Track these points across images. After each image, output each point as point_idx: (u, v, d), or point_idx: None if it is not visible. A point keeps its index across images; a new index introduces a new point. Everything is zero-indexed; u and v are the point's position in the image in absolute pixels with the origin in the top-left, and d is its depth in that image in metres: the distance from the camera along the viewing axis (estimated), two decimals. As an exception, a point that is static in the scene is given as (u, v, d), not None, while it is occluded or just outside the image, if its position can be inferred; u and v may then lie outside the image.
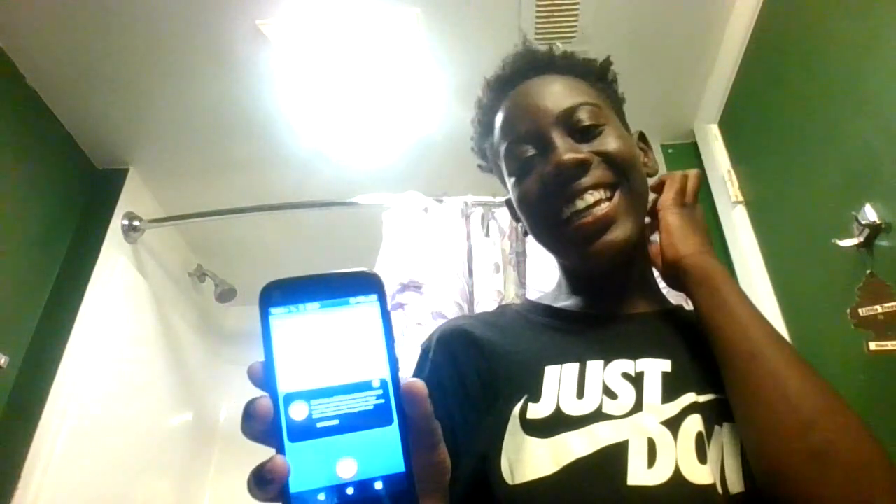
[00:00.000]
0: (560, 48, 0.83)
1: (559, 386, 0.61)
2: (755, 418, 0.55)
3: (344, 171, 2.07)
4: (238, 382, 2.53)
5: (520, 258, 1.56)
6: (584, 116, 0.69)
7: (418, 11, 1.59)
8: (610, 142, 0.68)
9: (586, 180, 0.66)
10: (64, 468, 1.61)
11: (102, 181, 2.03)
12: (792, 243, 1.45)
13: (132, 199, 2.05)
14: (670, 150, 2.00)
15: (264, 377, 0.36)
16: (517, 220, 0.80)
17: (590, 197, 0.66)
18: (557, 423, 0.57)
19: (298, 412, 0.36)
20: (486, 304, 1.43)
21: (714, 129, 1.85)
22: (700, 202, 0.75)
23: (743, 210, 1.66)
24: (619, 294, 0.73)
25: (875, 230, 1.07)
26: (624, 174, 0.68)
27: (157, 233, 2.15)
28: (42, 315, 1.77)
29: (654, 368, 0.62)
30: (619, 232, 0.66)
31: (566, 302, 0.76)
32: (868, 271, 1.07)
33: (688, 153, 1.96)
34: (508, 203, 0.81)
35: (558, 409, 0.59)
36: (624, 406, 0.59)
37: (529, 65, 0.77)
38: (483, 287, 1.48)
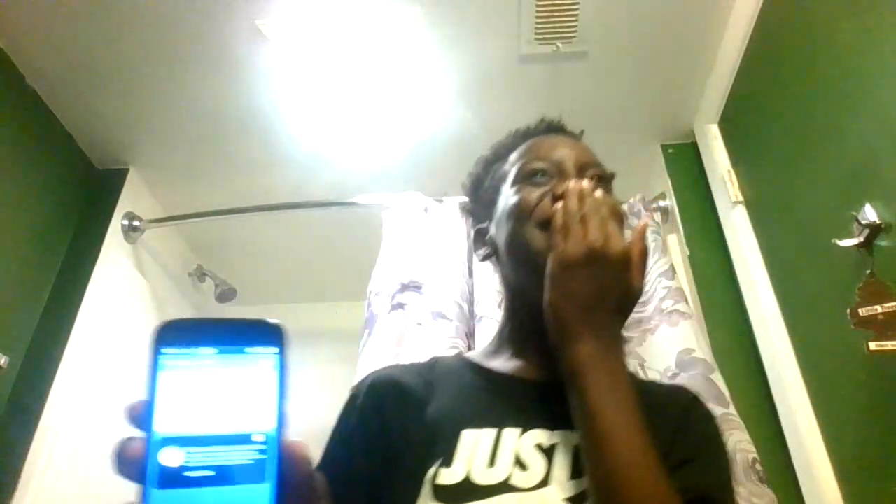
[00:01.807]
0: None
1: (473, 452, 0.62)
2: None
3: (344, 171, 2.07)
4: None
5: (520, 258, 1.57)
6: (599, 173, 0.75)
7: (419, 11, 1.59)
8: (613, 199, 0.72)
9: None
10: (64, 468, 1.61)
11: (102, 181, 2.03)
12: (792, 243, 1.45)
13: (132, 199, 2.05)
14: (670, 150, 2.00)
15: (141, 417, 0.35)
16: (482, 244, 0.83)
17: None
18: (465, 492, 0.59)
19: (171, 458, 0.35)
20: (487, 303, 1.43)
21: (714, 129, 1.85)
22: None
23: (743, 210, 1.66)
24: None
25: (875, 230, 1.07)
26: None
27: (157, 233, 2.14)
28: (42, 315, 1.77)
29: (569, 441, 0.62)
30: None
31: (497, 362, 0.76)
32: (868, 271, 1.07)
33: (688, 153, 1.96)
34: (479, 233, 0.84)
35: (468, 477, 0.60)
36: (532, 478, 0.60)
37: (560, 128, 0.86)
38: (483, 287, 1.48)
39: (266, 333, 0.38)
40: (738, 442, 1.26)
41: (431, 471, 0.61)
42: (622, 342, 0.61)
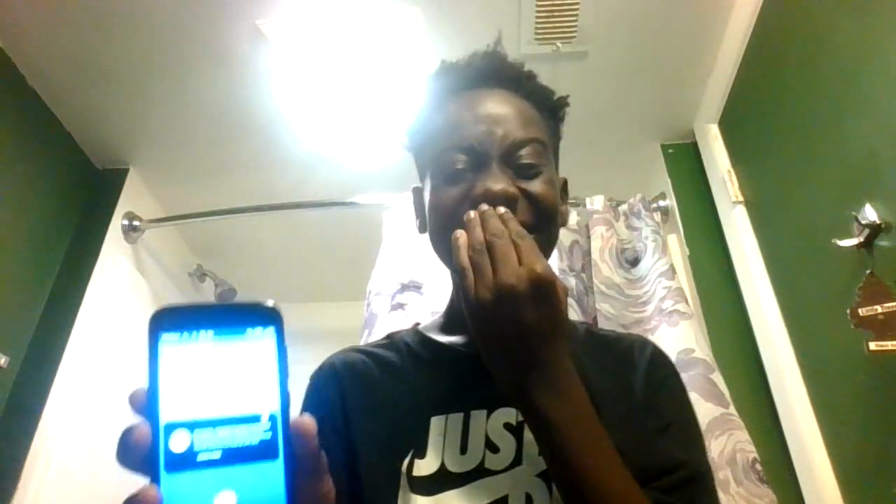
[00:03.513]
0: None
1: (444, 440, 0.62)
2: None
3: (344, 171, 2.07)
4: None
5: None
6: (528, 155, 0.68)
7: (418, 11, 1.59)
8: (542, 186, 0.68)
9: None
10: (64, 468, 1.61)
11: (102, 181, 2.03)
12: (792, 243, 1.45)
13: (132, 199, 2.05)
14: (670, 150, 2.00)
15: (146, 404, 0.36)
16: (418, 213, 0.80)
17: None
18: (441, 481, 0.60)
19: (179, 442, 0.35)
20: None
21: (714, 129, 1.85)
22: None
23: (743, 210, 1.66)
24: None
25: (875, 230, 1.07)
26: (544, 221, 0.67)
27: (157, 233, 2.14)
28: (42, 315, 1.77)
29: None
30: None
31: (452, 336, 0.75)
32: (868, 271, 1.07)
33: (688, 153, 1.96)
34: (416, 191, 0.80)
35: (442, 466, 0.61)
36: (504, 459, 0.60)
37: (497, 73, 0.76)
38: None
39: (262, 314, 0.38)
40: (738, 442, 1.26)
41: (406, 463, 0.61)
42: (564, 362, 0.55)
